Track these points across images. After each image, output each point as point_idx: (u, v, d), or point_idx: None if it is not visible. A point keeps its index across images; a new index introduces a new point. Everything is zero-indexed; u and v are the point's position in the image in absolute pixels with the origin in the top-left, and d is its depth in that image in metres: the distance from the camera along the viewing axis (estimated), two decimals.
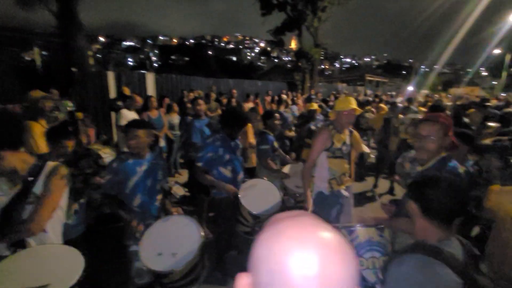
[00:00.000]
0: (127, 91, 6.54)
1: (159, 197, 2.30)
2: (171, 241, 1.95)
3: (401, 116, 4.66)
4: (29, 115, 2.89)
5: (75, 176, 2.25)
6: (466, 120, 4.19)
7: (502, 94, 19.71)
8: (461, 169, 1.59)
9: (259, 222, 2.56)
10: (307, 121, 4.67)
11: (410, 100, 6.97)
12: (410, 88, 23.93)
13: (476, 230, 2.34)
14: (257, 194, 2.61)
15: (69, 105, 3.74)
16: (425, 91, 24.56)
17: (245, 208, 2.42)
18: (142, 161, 2.16)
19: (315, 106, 4.89)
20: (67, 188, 1.72)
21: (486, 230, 1.82)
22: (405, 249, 1.01)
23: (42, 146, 2.69)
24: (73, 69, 5.36)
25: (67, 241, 2.30)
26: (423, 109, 6.70)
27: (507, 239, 1.63)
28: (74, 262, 1.44)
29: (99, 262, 2.92)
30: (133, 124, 2.14)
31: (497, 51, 32.06)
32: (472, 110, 4.67)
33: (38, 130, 2.77)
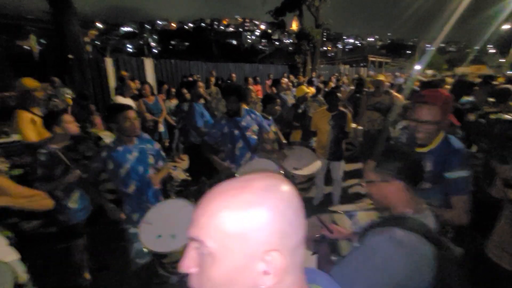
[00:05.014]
0: (124, 74, 6.47)
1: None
2: (169, 223, 1.99)
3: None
4: (19, 104, 2.83)
5: (77, 161, 2.28)
6: (470, 98, 4.11)
7: (509, 72, 19.20)
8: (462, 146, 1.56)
9: None
10: (296, 105, 4.61)
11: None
12: (415, 68, 23.38)
13: None
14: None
15: (68, 93, 3.72)
16: (430, 71, 24.01)
17: None
18: (132, 148, 2.14)
19: (305, 90, 4.79)
20: None
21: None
22: (383, 223, 1.04)
23: (30, 134, 2.66)
24: (70, 56, 5.29)
25: (72, 225, 2.40)
26: None
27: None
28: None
29: (103, 245, 3.06)
30: (119, 107, 2.10)
31: (505, 27, 30.85)
32: (477, 88, 4.54)
33: (26, 118, 2.70)
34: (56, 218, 2.37)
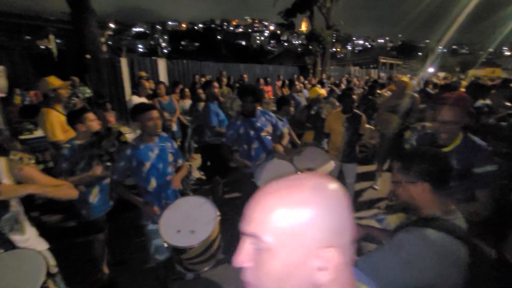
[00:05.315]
0: (143, 74, 6.59)
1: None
2: (189, 219, 2.04)
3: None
4: (44, 102, 2.92)
5: (100, 156, 2.35)
6: (487, 101, 4.04)
7: None
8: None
9: None
10: (309, 106, 4.60)
11: (426, 82, 6.76)
12: (428, 70, 22.99)
13: None
14: (273, 173, 2.64)
15: (87, 92, 3.83)
16: (442, 73, 23.61)
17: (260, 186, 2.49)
18: (152, 146, 2.19)
19: (318, 91, 4.76)
20: None
21: None
22: (412, 223, 1.04)
23: (58, 133, 2.72)
24: (87, 56, 5.44)
25: (93, 220, 2.47)
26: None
27: None
28: (35, 268, 1.28)
29: (120, 240, 3.13)
30: (144, 107, 2.16)
31: None
32: (494, 91, 4.46)
33: (54, 116, 2.77)
34: (77, 212, 2.44)
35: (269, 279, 0.47)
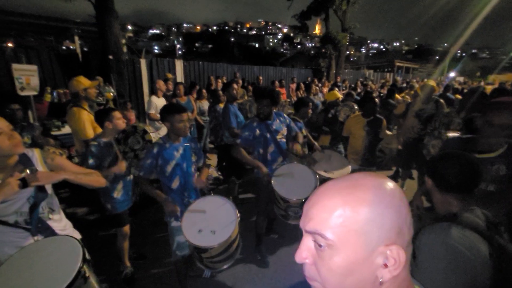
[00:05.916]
0: (170, 76, 6.76)
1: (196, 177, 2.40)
2: (210, 219, 2.07)
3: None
4: (73, 101, 2.98)
5: (125, 153, 2.43)
6: None
7: None
8: None
9: (289, 206, 2.59)
10: (326, 109, 4.58)
11: (447, 87, 6.60)
12: (447, 74, 22.41)
13: None
14: (291, 178, 2.62)
15: (112, 91, 3.97)
16: (460, 78, 22.98)
17: (276, 191, 2.49)
18: (178, 146, 2.24)
19: (337, 95, 4.71)
20: None
21: None
22: (431, 221, 1.04)
23: (88, 131, 2.79)
24: (110, 57, 5.64)
25: (117, 214, 2.56)
26: (459, 96, 6.35)
27: None
28: (73, 252, 1.33)
29: (142, 235, 3.22)
30: (176, 109, 2.19)
31: None
32: None
33: (85, 115, 2.84)
34: (103, 206, 2.53)
35: (332, 275, 0.48)
